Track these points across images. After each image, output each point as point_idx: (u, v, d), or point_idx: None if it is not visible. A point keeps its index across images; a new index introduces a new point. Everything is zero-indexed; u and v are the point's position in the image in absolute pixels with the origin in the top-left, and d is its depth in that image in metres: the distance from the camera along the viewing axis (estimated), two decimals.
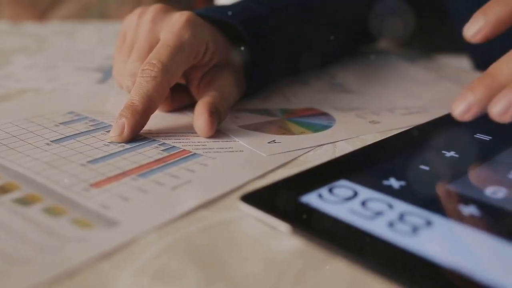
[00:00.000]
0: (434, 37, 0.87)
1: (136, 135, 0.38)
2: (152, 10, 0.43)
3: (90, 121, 0.41)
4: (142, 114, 0.37)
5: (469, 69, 0.68)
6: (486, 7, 0.33)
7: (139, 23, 0.43)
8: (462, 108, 0.31)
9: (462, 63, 0.73)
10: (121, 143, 0.37)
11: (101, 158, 0.34)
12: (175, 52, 0.39)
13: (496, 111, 0.30)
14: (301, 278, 0.23)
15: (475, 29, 0.34)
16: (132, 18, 0.44)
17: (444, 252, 0.24)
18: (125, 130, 0.37)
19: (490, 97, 0.31)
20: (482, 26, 0.33)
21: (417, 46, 0.88)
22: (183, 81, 0.45)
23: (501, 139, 0.38)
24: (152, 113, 0.38)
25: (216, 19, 0.45)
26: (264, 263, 0.24)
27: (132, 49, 0.43)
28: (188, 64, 0.41)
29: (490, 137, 0.38)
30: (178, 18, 0.41)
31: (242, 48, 0.46)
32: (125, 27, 0.45)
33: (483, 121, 0.42)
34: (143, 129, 0.38)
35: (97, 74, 0.56)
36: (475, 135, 0.39)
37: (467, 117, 0.32)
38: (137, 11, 0.44)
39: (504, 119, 0.30)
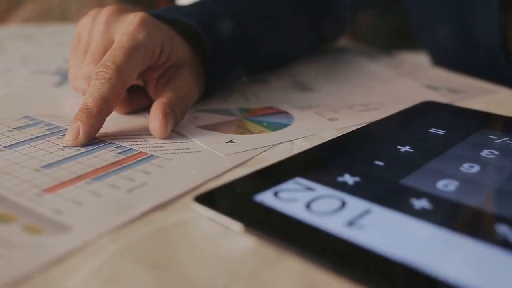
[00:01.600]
0: (394, 34, 0.88)
1: (92, 139, 0.37)
2: (106, 11, 0.42)
3: (45, 125, 0.40)
4: (97, 117, 0.37)
5: (428, 65, 0.70)
6: None
7: (93, 26, 0.43)
8: None
9: (421, 59, 0.74)
10: (76, 147, 0.36)
11: (55, 162, 0.34)
12: (130, 53, 0.38)
13: None
14: (254, 277, 0.23)
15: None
16: (86, 21, 0.44)
17: (395, 246, 0.24)
18: (80, 133, 0.36)
19: None
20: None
21: (378, 43, 0.89)
22: (140, 83, 0.45)
23: (455, 133, 0.39)
24: (108, 115, 0.38)
25: (173, 19, 0.45)
26: (217, 263, 0.24)
27: (87, 51, 0.43)
28: (143, 65, 0.40)
29: (444, 131, 0.39)
30: (132, 19, 0.40)
31: (200, 48, 0.45)
32: (80, 29, 0.44)
33: (437, 116, 0.43)
34: (100, 132, 0.38)
35: (55, 77, 0.55)
36: (429, 130, 0.39)
37: None
38: (91, 13, 0.44)
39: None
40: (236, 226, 0.26)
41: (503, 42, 0.57)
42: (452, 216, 0.27)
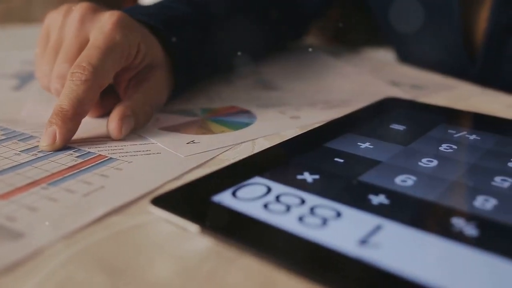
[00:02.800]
0: (361, 31, 0.89)
1: (69, 142, 0.36)
2: (80, 8, 0.41)
3: (1, 130, 0.39)
4: (73, 120, 0.36)
5: (393, 62, 0.70)
6: None
7: (65, 22, 0.41)
8: None
9: (387, 56, 0.75)
10: (52, 151, 0.35)
11: (10, 168, 0.33)
12: (106, 53, 0.37)
13: None
14: (211, 278, 0.23)
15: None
16: (56, 16, 0.42)
17: (351, 243, 0.24)
18: (57, 138, 0.35)
19: None
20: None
21: (345, 41, 0.89)
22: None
23: (415, 129, 0.39)
24: (83, 117, 0.37)
25: (138, 19, 0.44)
26: (174, 266, 0.24)
27: (58, 49, 0.41)
28: (119, 66, 0.39)
29: (405, 127, 0.39)
30: (108, 18, 0.39)
31: (166, 48, 0.45)
32: (49, 25, 0.43)
33: (398, 112, 0.44)
34: None
35: (14, 80, 0.54)
36: (390, 126, 0.39)
37: None
38: (62, 9, 0.42)
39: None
40: (193, 227, 0.26)
41: (465, 42, 0.58)
42: (409, 211, 0.27)
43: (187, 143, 0.37)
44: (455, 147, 0.36)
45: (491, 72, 0.57)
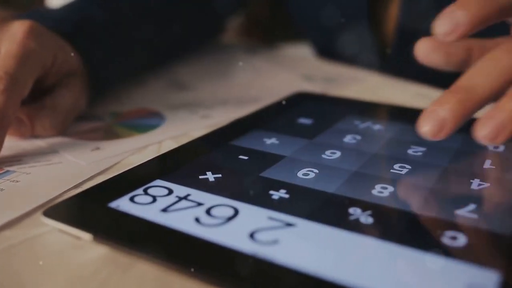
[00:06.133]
0: (280, 27, 0.89)
1: None
2: None
3: None
4: None
5: (309, 57, 0.71)
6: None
7: None
8: (433, 126, 0.26)
9: (305, 51, 0.76)
10: None
11: None
12: (23, 62, 0.36)
13: (484, 134, 0.25)
14: (105, 286, 0.22)
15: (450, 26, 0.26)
16: None
17: (247, 241, 0.24)
18: None
19: (465, 115, 0.26)
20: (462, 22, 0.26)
21: (264, 37, 0.90)
22: None
23: (322, 122, 0.39)
24: (7, 130, 0.35)
25: (49, 27, 0.42)
26: (67, 277, 0.23)
27: None
28: (37, 74, 0.38)
29: (312, 121, 0.40)
30: (19, 27, 0.38)
31: (80, 53, 0.43)
32: None
33: (307, 106, 0.44)
34: None
35: None
36: (298, 120, 0.40)
37: (441, 136, 0.26)
38: None
39: (494, 143, 0.25)
40: (86, 236, 0.25)
41: (376, 37, 0.59)
42: (308, 204, 0.28)
43: (92, 150, 0.36)
44: (359, 137, 0.36)
45: (403, 64, 0.59)
